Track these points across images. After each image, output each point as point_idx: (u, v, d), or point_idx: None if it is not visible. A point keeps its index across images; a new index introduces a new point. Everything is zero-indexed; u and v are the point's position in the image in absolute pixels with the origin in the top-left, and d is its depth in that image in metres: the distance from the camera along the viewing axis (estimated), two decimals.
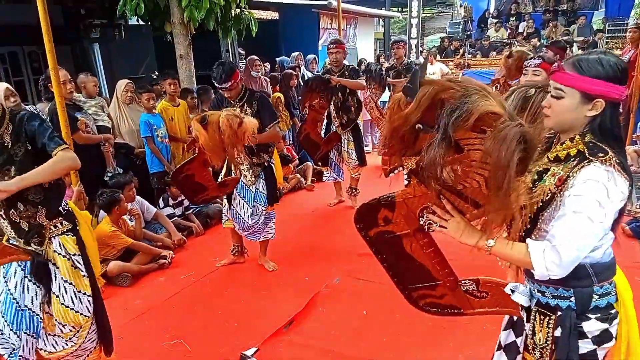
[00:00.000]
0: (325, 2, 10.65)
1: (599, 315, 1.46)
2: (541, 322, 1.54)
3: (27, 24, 4.73)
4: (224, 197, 3.85)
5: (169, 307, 3.42)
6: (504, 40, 13.13)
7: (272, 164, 3.80)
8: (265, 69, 7.21)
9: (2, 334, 2.22)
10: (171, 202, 4.73)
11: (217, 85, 3.48)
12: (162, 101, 5.01)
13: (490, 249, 1.45)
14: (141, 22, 6.39)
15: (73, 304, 2.25)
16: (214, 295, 3.56)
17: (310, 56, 8.31)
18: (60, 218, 2.25)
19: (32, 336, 2.25)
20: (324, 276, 3.68)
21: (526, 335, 1.63)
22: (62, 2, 7.29)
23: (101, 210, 3.94)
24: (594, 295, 1.45)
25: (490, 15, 15.27)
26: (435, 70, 9.86)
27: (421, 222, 1.56)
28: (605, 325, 1.46)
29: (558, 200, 1.38)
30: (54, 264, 2.24)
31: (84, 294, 2.28)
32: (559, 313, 1.48)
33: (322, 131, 5.16)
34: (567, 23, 13.27)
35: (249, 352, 2.79)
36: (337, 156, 5.29)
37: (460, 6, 17.95)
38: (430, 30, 22.68)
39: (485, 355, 2.75)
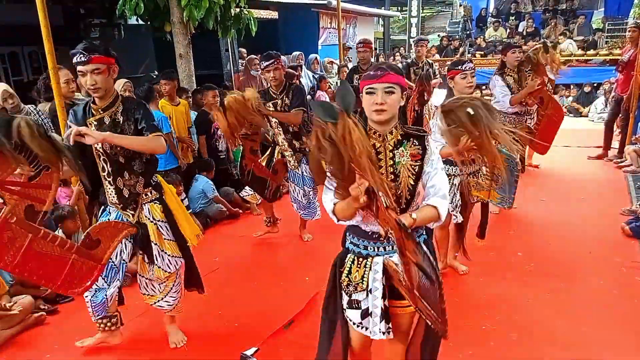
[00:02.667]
0: (325, 2, 10.63)
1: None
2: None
3: (27, 24, 4.72)
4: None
5: None
6: (504, 40, 13.13)
7: None
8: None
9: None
10: None
11: (262, 64, 3.88)
12: (161, 100, 5.01)
13: (415, 220, 1.76)
14: (141, 22, 6.38)
15: (156, 260, 2.65)
16: (214, 295, 3.55)
17: (312, 56, 8.32)
18: (150, 188, 2.63)
19: (119, 280, 2.69)
20: (324, 276, 3.66)
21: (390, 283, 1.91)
22: (61, 2, 7.29)
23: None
24: None
25: (490, 15, 15.27)
26: None
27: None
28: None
29: (426, 167, 1.85)
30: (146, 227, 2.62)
31: (165, 252, 2.67)
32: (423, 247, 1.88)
33: None
34: (567, 22, 13.27)
35: (249, 352, 2.79)
36: None
37: (460, 5, 17.94)
38: (430, 30, 22.68)
39: (485, 355, 2.76)
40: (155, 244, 2.64)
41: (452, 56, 12.92)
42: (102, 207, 2.69)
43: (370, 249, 1.95)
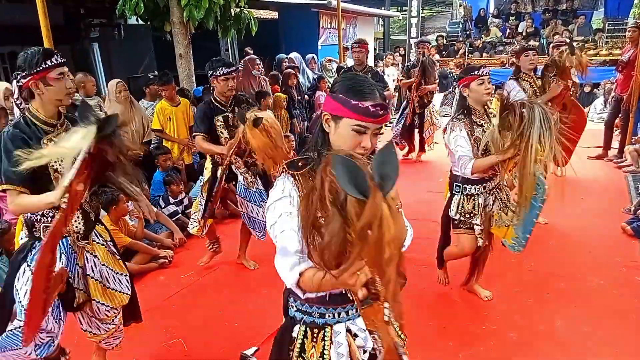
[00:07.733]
0: (325, 2, 10.62)
1: None
2: None
3: (27, 24, 4.72)
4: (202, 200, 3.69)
5: (169, 307, 3.42)
6: (503, 40, 13.14)
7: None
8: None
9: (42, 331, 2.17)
10: (172, 200, 4.72)
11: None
12: (161, 101, 5.01)
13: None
14: (140, 22, 6.38)
15: (117, 285, 2.43)
16: (214, 295, 3.56)
17: (309, 56, 8.31)
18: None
19: (63, 320, 2.30)
20: None
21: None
22: (62, 2, 7.28)
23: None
24: None
25: (491, 15, 15.27)
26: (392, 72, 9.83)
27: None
28: None
29: None
30: (93, 254, 2.33)
31: (122, 274, 2.45)
32: None
33: None
34: (566, 22, 13.26)
35: (249, 352, 2.79)
36: None
37: (460, 6, 17.94)
38: (430, 30, 22.65)
39: (485, 355, 2.76)
40: (111, 268, 2.38)
41: (453, 57, 12.93)
42: (33, 243, 2.15)
43: (329, 316, 1.48)
